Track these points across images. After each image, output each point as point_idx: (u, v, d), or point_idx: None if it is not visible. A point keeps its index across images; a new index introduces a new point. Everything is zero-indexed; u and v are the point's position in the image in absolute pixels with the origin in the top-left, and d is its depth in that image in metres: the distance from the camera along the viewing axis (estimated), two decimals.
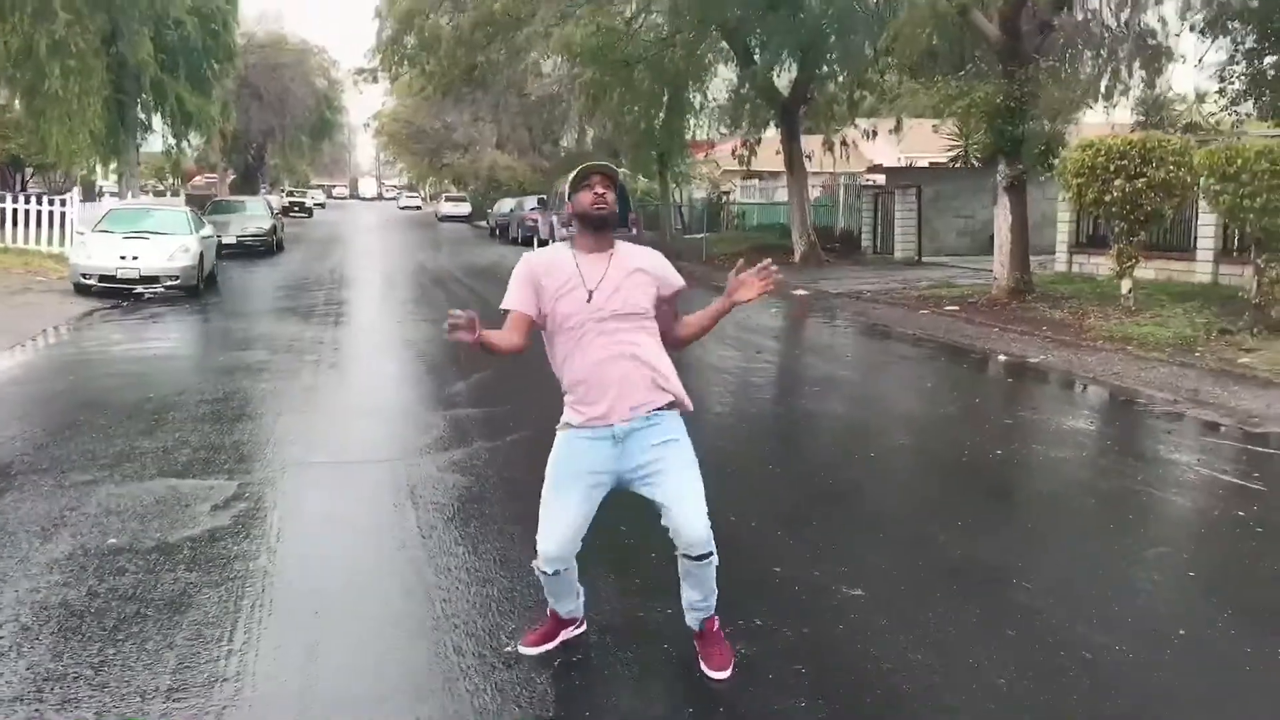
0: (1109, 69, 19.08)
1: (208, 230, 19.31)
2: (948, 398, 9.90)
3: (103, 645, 3.95)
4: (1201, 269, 16.01)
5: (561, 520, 3.60)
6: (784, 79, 24.11)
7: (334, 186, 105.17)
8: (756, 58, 22.92)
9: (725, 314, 3.78)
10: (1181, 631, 4.30)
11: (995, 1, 14.95)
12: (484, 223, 46.97)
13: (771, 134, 27.06)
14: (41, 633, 4.07)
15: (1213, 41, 16.56)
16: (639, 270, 3.68)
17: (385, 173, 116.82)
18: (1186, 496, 6.46)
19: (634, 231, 26.49)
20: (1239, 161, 11.23)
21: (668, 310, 3.82)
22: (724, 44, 23.58)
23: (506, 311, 3.65)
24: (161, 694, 3.57)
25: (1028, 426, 8.61)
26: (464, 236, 41.39)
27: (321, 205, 72.42)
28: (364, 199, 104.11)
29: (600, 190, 3.58)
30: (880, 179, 27.48)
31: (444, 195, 63.62)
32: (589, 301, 3.56)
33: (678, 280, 3.81)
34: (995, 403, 9.81)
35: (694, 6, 20.43)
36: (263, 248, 26.75)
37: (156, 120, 29.42)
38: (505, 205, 40.17)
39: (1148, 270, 16.44)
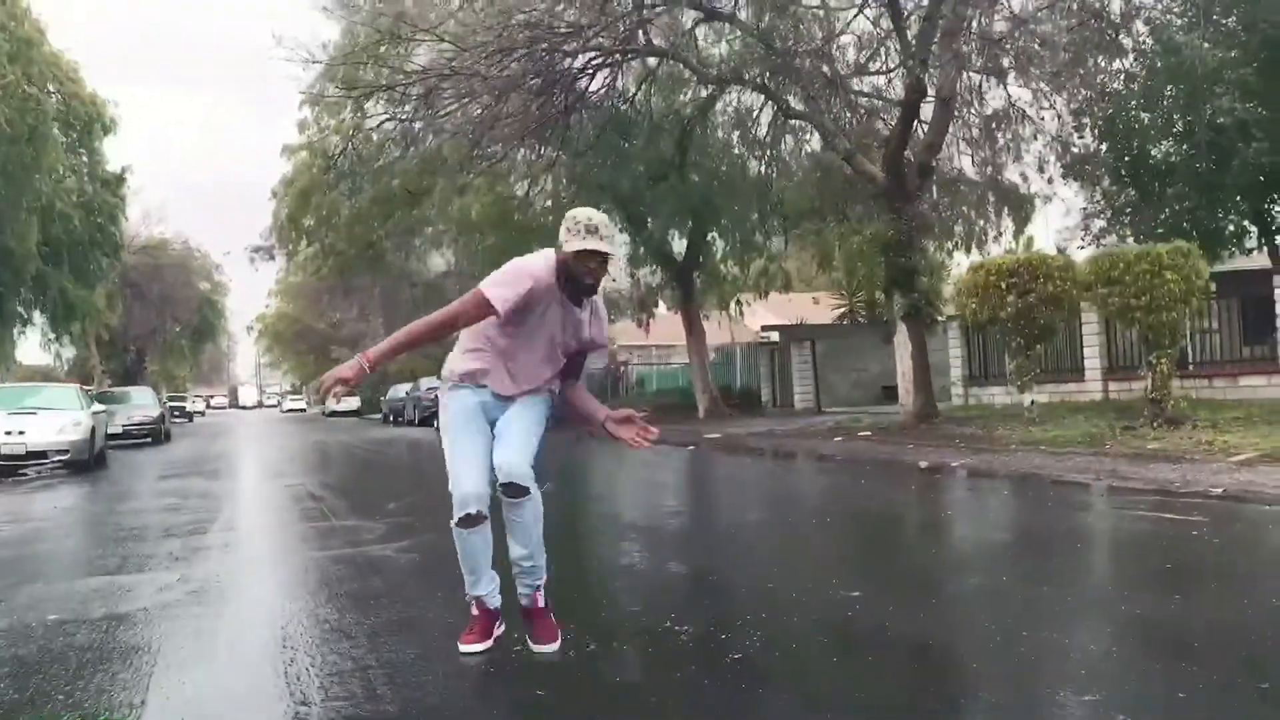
0: (980, 218, 20.47)
1: (100, 407, 18.58)
2: (880, 496, 9.99)
3: None
4: (1091, 388, 16.83)
5: (471, 458, 3.84)
6: (677, 244, 25.05)
7: (212, 396, 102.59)
8: (650, 224, 23.82)
9: (590, 423, 4.17)
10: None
11: (878, 147, 16.03)
12: (375, 415, 46.33)
13: (662, 308, 27.89)
14: None
15: (1090, 186, 17.96)
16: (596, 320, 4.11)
17: (267, 376, 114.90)
18: (1148, 526, 6.61)
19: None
20: (1121, 265, 12.03)
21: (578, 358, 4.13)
22: (618, 212, 24.48)
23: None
24: None
25: (963, 505, 8.74)
26: (355, 424, 40.68)
27: (201, 413, 70.52)
28: (244, 407, 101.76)
29: (594, 266, 3.85)
30: (775, 336, 28.39)
31: None
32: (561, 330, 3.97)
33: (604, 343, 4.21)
34: (928, 495, 9.94)
35: (586, 177, 21.29)
36: (150, 437, 25.74)
37: (37, 314, 28.65)
38: (399, 390, 39.80)
39: (1041, 394, 17.18)
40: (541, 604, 3.99)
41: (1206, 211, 16.25)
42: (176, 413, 55.38)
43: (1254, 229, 17.81)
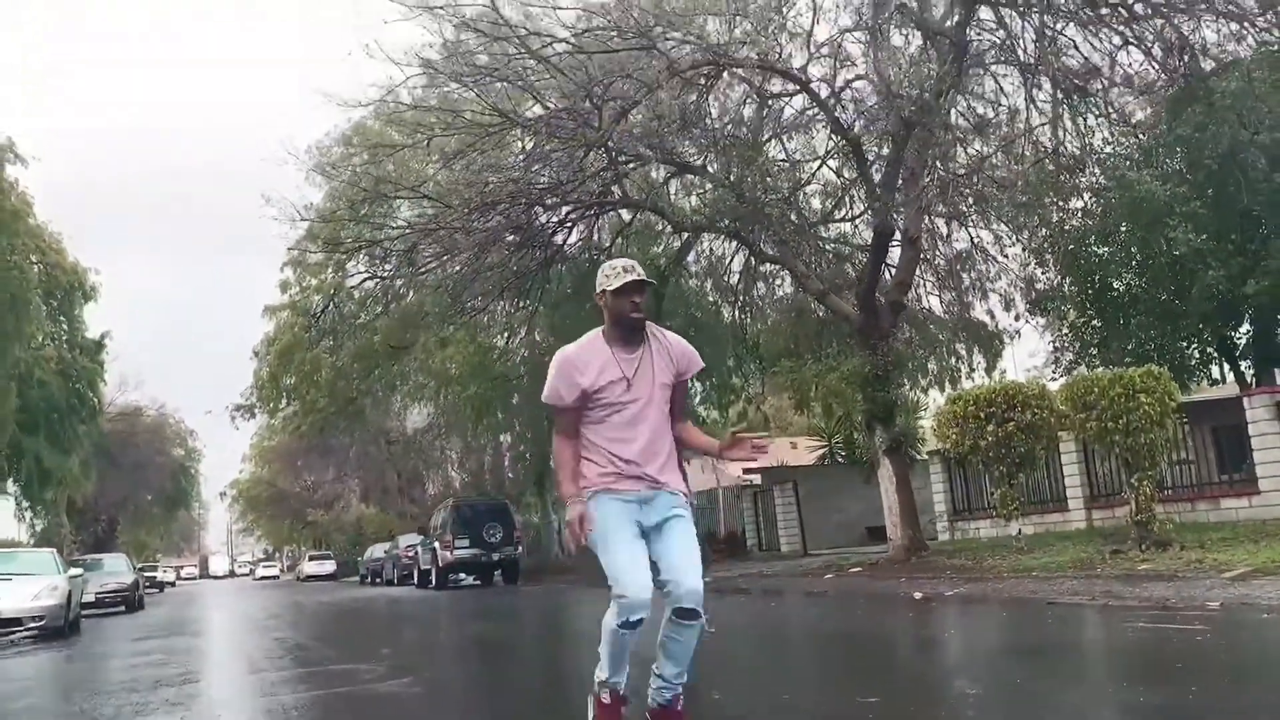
0: (951, 354, 20.94)
1: (76, 571, 18.18)
2: (880, 625, 9.94)
3: None
4: (1075, 518, 16.92)
5: (633, 562, 3.90)
6: None
7: (182, 566, 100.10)
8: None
9: (711, 454, 4.33)
10: None
11: (849, 288, 16.54)
12: (352, 578, 45.48)
13: None
14: None
15: (1055, 319, 18.48)
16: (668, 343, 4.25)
17: (239, 542, 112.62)
18: (1150, 637, 6.63)
19: (519, 549, 26.24)
20: (1096, 390, 12.32)
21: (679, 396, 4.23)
22: None
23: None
24: None
25: (963, 627, 8.71)
26: (331, 587, 39.86)
27: (172, 584, 68.77)
28: (215, 577, 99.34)
29: (636, 300, 4.06)
30: (757, 479, 28.37)
31: (307, 555, 61.45)
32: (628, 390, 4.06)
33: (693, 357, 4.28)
34: (927, 621, 9.90)
35: (564, 327, 21.67)
36: (124, 605, 25.06)
37: (9, 483, 28.25)
38: (377, 550, 39.27)
39: (1026, 525, 17.22)
40: (680, 707, 4.11)
41: (1170, 340, 16.72)
42: (148, 583, 54.11)
43: (1218, 355, 18.29)
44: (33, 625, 15.48)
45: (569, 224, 19.26)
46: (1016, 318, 20.56)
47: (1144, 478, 12.43)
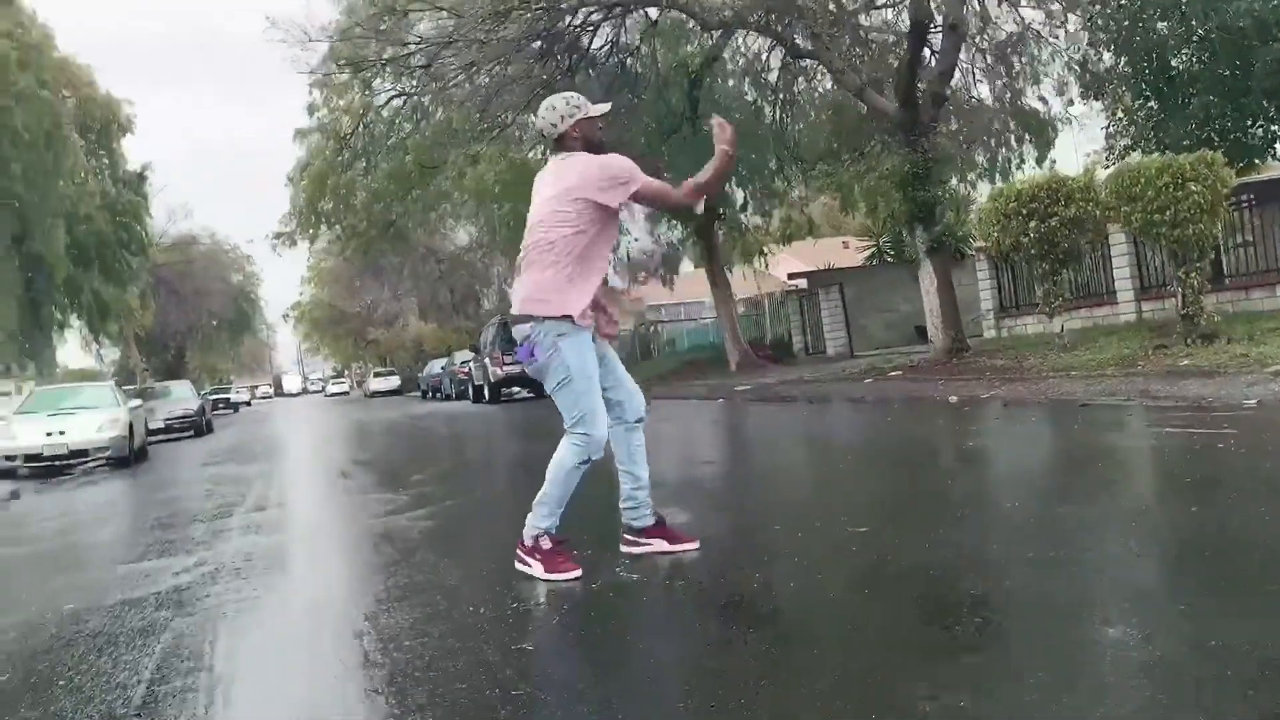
0: (1000, 144, 20.04)
1: (136, 403, 18.82)
2: (913, 426, 9.88)
3: None
4: (1125, 310, 16.49)
5: (602, 406, 4.14)
6: None
7: (256, 386, 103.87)
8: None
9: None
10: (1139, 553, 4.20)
11: (886, 81, 15.72)
12: (415, 392, 46.75)
13: (687, 267, 27.72)
14: None
15: (1110, 103, 17.47)
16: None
17: (308, 362, 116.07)
18: (1158, 457, 6.46)
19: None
20: (1142, 180, 11.70)
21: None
22: None
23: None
24: None
25: (997, 433, 8.60)
26: (396, 403, 41.05)
27: (247, 403, 71.50)
28: (289, 395, 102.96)
29: (603, 125, 4.37)
30: (803, 283, 28.12)
31: (372, 372, 63.20)
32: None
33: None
34: (958, 423, 9.80)
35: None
36: (191, 430, 26.07)
37: (73, 318, 29.01)
38: (435, 366, 40.10)
39: (1074, 320, 16.88)
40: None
41: (1233, 120, 15.72)
42: (222, 404, 56.36)
43: None
44: (99, 455, 16.18)
45: (593, 27, 18.41)
46: (1070, 103, 19.56)
47: (1192, 270, 11.95)
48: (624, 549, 4.35)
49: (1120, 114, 17.64)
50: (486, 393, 26.41)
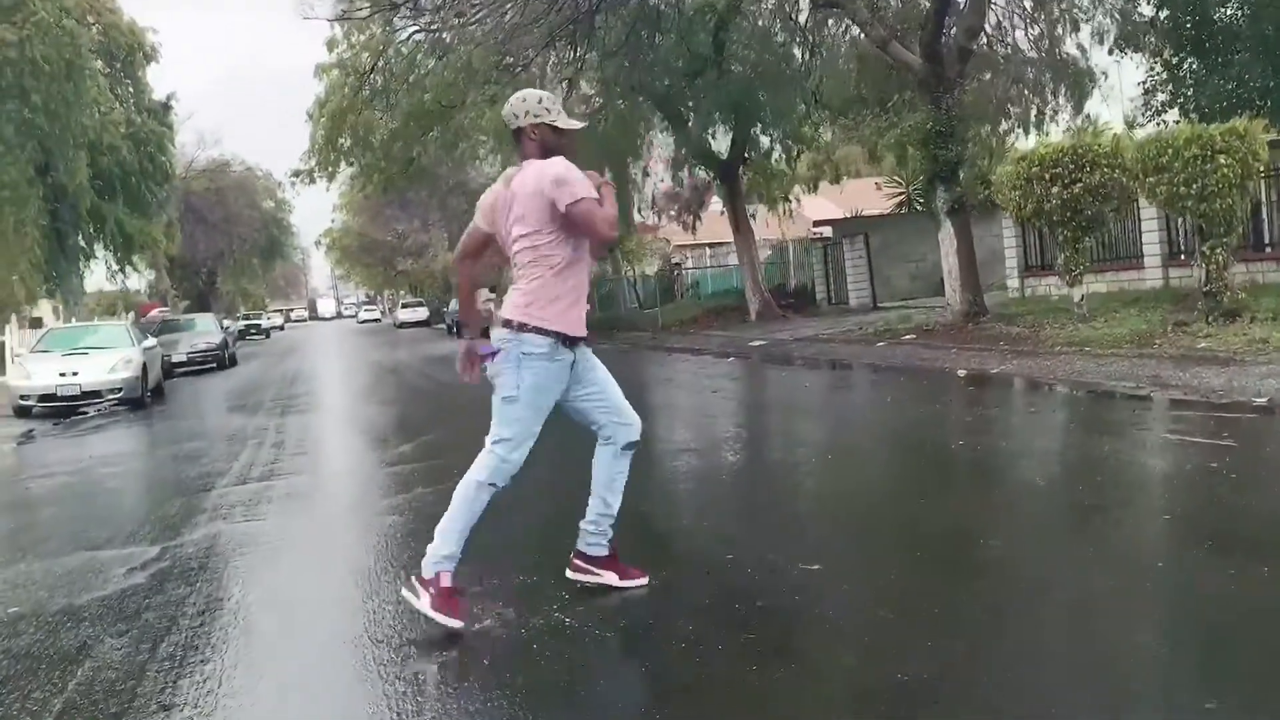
0: (1034, 96, 19.39)
1: (150, 342, 18.90)
2: (910, 407, 9.65)
3: None
4: (1151, 276, 16.01)
5: (535, 436, 3.96)
6: (720, 142, 24.31)
7: (291, 309, 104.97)
8: (690, 122, 23.12)
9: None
10: (1160, 564, 4.00)
11: (914, 33, 15.16)
12: (442, 325, 46.77)
13: (716, 206, 27.28)
14: None
15: (1149, 57, 16.82)
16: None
17: (341, 288, 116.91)
18: (1155, 458, 6.24)
19: (587, 309, 26.34)
20: (1170, 151, 11.23)
21: None
22: (657, 112, 23.80)
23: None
24: None
25: (989, 422, 8.37)
26: (421, 336, 41.13)
27: (280, 328, 72.22)
28: (323, 318, 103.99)
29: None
30: (828, 232, 27.63)
31: (400, 303, 63.37)
32: None
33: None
34: (956, 407, 9.56)
35: (621, 76, 20.64)
36: (214, 363, 26.26)
37: (98, 248, 29.13)
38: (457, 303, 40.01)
39: (1099, 284, 16.44)
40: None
41: (1275, 80, 15.06)
42: (253, 330, 56.92)
43: None
44: (111, 396, 16.31)
45: None
46: (1110, 53, 18.84)
47: (1218, 245, 11.52)
48: (571, 574, 4.19)
49: (1159, 68, 16.98)
50: None
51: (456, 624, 3.77)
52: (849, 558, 4.54)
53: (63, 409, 15.94)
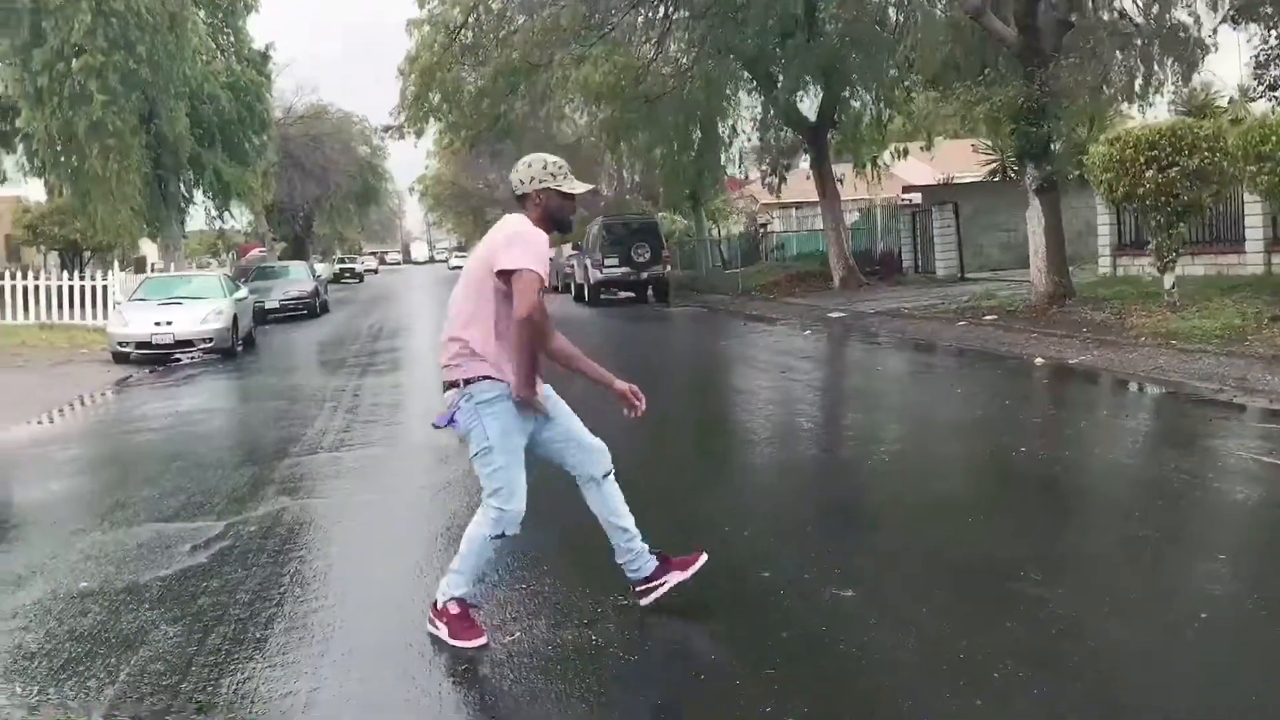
0: (1139, 66, 18.54)
1: (242, 293, 19.47)
2: (977, 402, 9.47)
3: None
4: (1252, 261, 15.33)
5: (523, 477, 3.93)
6: (809, 104, 23.89)
7: (386, 253, 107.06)
8: (779, 84, 22.73)
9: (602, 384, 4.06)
10: (1203, 615, 3.89)
11: (1010, 4, 14.62)
12: None
13: (804, 164, 26.86)
14: None
15: (1265, 28, 15.90)
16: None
17: (434, 234, 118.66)
18: (1225, 481, 6.00)
19: (666, 269, 26.38)
20: (1273, 138, 10.70)
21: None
22: (745, 73, 23.46)
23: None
24: None
25: (1055, 425, 8.17)
26: None
27: (374, 271, 73.70)
28: (417, 263, 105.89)
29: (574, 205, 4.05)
30: (917, 198, 27.02)
31: None
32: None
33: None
34: (1024, 405, 9.36)
35: (710, 37, 20.38)
36: (305, 311, 26.96)
37: (198, 194, 29.96)
38: None
39: (1196, 266, 15.83)
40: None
41: None
42: (347, 274, 58.27)
43: None
44: (203, 345, 16.92)
45: None
46: (1223, 21, 17.88)
47: None
48: (643, 602, 4.18)
49: (1273, 39, 16.08)
50: (586, 294, 26.54)
51: (479, 642, 3.90)
52: (883, 582, 4.51)
53: (157, 356, 16.58)
